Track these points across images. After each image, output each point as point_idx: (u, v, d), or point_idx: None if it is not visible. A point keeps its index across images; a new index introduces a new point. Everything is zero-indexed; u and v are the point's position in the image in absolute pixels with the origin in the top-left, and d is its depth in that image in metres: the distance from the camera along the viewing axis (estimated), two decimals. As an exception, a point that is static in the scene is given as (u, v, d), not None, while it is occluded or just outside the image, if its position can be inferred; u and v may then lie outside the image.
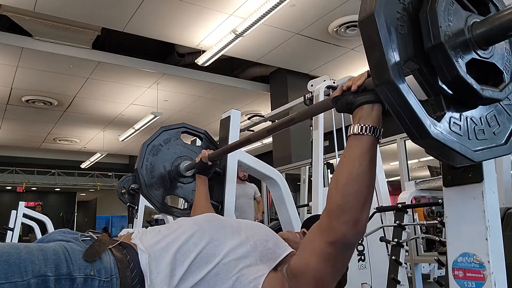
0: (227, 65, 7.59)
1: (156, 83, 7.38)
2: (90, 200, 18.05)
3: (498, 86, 0.75)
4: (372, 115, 0.86)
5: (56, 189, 14.69)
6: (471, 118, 0.75)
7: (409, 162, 3.43)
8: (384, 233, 2.60)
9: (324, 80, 2.48)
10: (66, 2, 4.89)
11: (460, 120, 0.73)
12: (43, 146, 11.86)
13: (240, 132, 2.10)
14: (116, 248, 0.97)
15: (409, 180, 3.28)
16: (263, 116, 3.65)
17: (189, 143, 3.12)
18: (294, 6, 5.06)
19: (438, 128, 0.68)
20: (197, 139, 2.52)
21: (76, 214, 16.63)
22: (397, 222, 2.45)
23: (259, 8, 4.73)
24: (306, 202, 4.40)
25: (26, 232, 9.34)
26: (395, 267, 2.36)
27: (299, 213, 2.80)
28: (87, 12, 5.15)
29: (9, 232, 5.37)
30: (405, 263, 2.41)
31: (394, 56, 0.67)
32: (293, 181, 5.80)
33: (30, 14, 5.41)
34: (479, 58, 0.73)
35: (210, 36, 5.72)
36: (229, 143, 2.00)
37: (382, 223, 2.58)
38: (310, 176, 4.39)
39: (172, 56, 7.05)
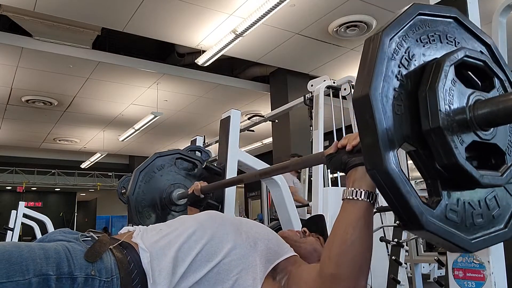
0: (227, 65, 7.59)
1: (156, 83, 7.38)
2: (90, 200, 18.05)
3: (500, 169, 0.71)
4: (366, 178, 0.81)
5: (56, 189, 14.68)
6: (469, 203, 0.71)
7: (409, 162, 3.43)
8: (384, 233, 2.60)
9: (324, 80, 2.48)
10: (66, 2, 4.89)
11: (458, 206, 0.69)
12: (43, 146, 11.86)
13: (240, 132, 2.10)
14: (117, 249, 0.97)
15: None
16: (263, 116, 3.65)
17: (190, 143, 3.11)
18: (294, 6, 5.06)
19: (433, 219, 0.64)
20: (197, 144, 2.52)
21: (76, 214, 16.63)
22: (397, 222, 2.45)
23: (259, 8, 4.73)
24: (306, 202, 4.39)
25: (28, 232, 9.34)
26: (395, 267, 2.36)
27: (299, 213, 2.80)
28: (87, 12, 5.15)
29: (9, 232, 5.37)
30: (405, 263, 2.41)
31: (389, 142, 0.63)
32: (293, 181, 5.78)
33: (30, 14, 5.41)
34: (479, 140, 0.69)
35: (210, 36, 5.72)
36: (229, 143, 2.00)
37: (382, 223, 2.58)
38: (310, 176, 4.39)
39: (172, 56, 7.05)
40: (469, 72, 0.73)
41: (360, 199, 0.83)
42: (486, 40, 0.79)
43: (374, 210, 1.00)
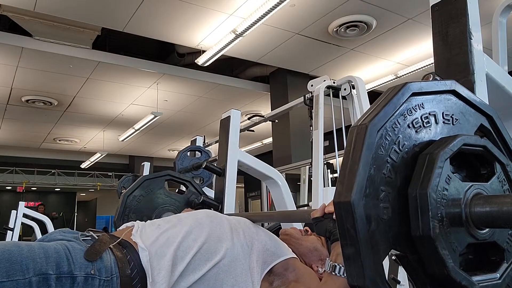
0: (227, 65, 7.59)
1: (156, 83, 7.38)
2: (90, 200, 18.04)
3: (498, 268, 0.64)
4: None
5: (56, 189, 14.68)
6: None
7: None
8: (384, 233, 2.59)
9: (324, 80, 2.48)
10: (66, 2, 4.89)
11: None
12: (43, 146, 11.86)
13: (240, 132, 2.10)
14: (117, 248, 0.98)
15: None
16: (263, 116, 3.64)
17: (190, 143, 3.11)
18: (294, 6, 5.06)
19: None
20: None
21: (76, 214, 16.62)
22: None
23: (259, 8, 4.73)
24: (306, 202, 4.39)
25: (28, 232, 9.34)
26: (395, 267, 2.36)
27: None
28: (87, 12, 5.15)
29: (9, 232, 5.37)
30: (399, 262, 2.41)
31: (373, 253, 0.56)
32: (293, 181, 5.80)
33: (30, 14, 5.41)
34: (476, 241, 0.62)
35: (210, 36, 5.72)
36: (229, 143, 2.00)
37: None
38: (310, 176, 4.39)
39: (172, 56, 7.05)
40: (467, 159, 0.67)
41: (342, 276, 0.82)
42: (488, 112, 0.72)
43: None
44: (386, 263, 2.41)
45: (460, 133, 0.67)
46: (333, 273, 0.83)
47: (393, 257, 2.29)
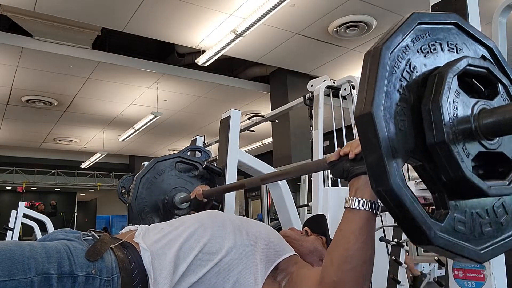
0: (227, 65, 7.59)
1: (156, 83, 7.38)
2: (90, 200, 18.04)
3: (507, 177, 0.70)
4: (369, 187, 0.81)
5: (56, 189, 14.68)
6: (477, 212, 0.70)
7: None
8: (384, 233, 2.60)
9: (324, 80, 2.48)
10: (66, 2, 4.89)
11: (465, 217, 0.68)
12: (43, 146, 11.86)
13: (240, 132, 2.10)
14: (118, 248, 0.98)
15: (409, 180, 3.28)
16: (263, 116, 3.65)
17: (190, 143, 3.12)
18: (294, 6, 5.06)
19: (441, 233, 0.64)
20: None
21: (76, 214, 16.62)
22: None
23: (259, 8, 4.73)
24: (306, 202, 4.39)
25: (28, 232, 9.34)
26: (395, 267, 2.36)
27: (299, 213, 2.80)
28: (87, 12, 5.15)
29: (9, 232, 5.37)
30: (405, 263, 2.41)
31: (394, 159, 0.62)
32: (293, 181, 5.80)
33: (30, 14, 5.41)
34: (485, 150, 0.68)
35: (210, 36, 5.72)
36: (229, 143, 2.00)
37: (382, 223, 2.58)
38: (310, 176, 4.38)
39: (172, 56, 7.05)
40: (473, 80, 0.72)
41: (362, 208, 0.83)
42: (488, 43, 0.78)
43: None
44: (386, 263, 2.41)
45: None
46: (353, 206, 0.83)
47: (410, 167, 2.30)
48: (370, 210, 0.83)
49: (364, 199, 0.83)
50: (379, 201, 0.83)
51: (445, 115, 0.64)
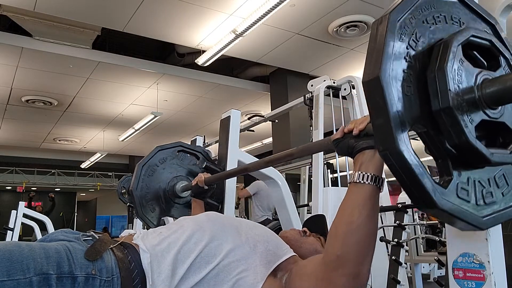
0: (227, 65, 7.59)
1: (156, 83, 7.38)
2: (90, 200, 18.05)
3: (508, 147, 0.72)
4: (373, 161, 0.83)
5: (56, 189, 14.69)
6: (479, 181, 0.72)
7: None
8: (384, 233, 2.60)
9: (324, 80, 2.48)
10: (66, 2, 4.89)
11: (468, 185, 0.70)
12: (43, 146, 11.86)
13: (240, 132, 2.10)
14: (118, 248, 0.97)
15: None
16: (263, 116, 3.65)
17: (189, 143, 3.12)
18: (294, 6, 5.06)
19: (445, 197, 0.66)
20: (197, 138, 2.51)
21: (76, 214, 16.62)
22: (397, 222, 2.45)
23: (259, 8, 4.73)
24: (306, 202, 4.39)
25: (28, 232, 9.34)
26: (395, 267, 2.36)
27: (299, 213, 2.80)
28: (87, 12, 5.15)
29: (9, 232, 5.37)
30: (405, 263, 2.41)
31: (400, 122, 0.64)
32: (293, 181, 5.80)
33: (30, 14, 5.41)
34: (488, 119, 0.70)
35: (210, 36, 5.72)
36: (229, 143, 2.00)
37: (382, 223, 2.59)
38: (310, 176, 4.38)
39: (172, 56, 7.06)
40: (476, 52, 0.74)
41: (366, 182, 0.83)
42: (490, 20, 0.80)
43: None
44: (386, 263, 2.41)
45: None
46: (358, 180, 0.84)
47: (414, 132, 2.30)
48: (374, 184, 0.83)
49: (368, 173, 0.83)
50: (383, 175, 0.84)
51: (450, 82, 0.66)
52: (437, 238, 2.55)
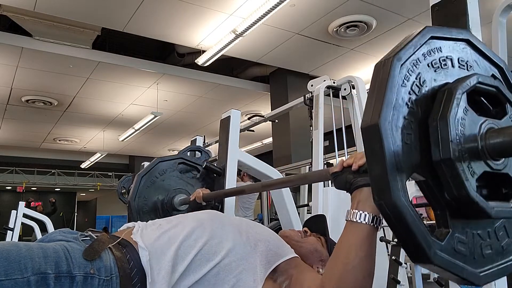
0: (227, 65, 7.59)
1: (156, 83, 7.38)
2: (90, 200, 18.04)
3: (510, 199, 0.69)
4: (371, 200, 0.80)
5: (56, 189, 14.69)
6: (478, 233, 0.69)
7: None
8: (384, 233, 2.60)
9: (324, 80, 2.48)
10: (66, 2, 4.89)
11: (466, 237, 0.67)
12: (43, 146, 11.86)
13: (240, 132, 2.10)
14: (116, 247, 0.97)
15: (409, 180, 3.28)
16: (263, 116, 3.65)
17: (190, 143, 3.11)
18: (294, 6, 5.06)
19: (441, 253, 0.63)
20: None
21: (76, 214, 16.62)
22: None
23: (259, 8, 4.73)
24: (306, 202, 4.39)
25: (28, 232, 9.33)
26: (395, 267, 2.36)
27: (299, 213, 2.80)
28: (87, 12, 5.15)
29: (9, 232, 5.36)
30: (405, 263, 2.41)
31: (398, 173, 0.61)
32: (293, 181, 5.79)
33: (30, 14, 5.41)
34: (491, 170, 0.67)
35: (210, 36, 5.72)
36: (229, 143, 2.00)
37: (382, 223, 2.58)
38: (310, 176, 4.37)
39: (172, 56, 7.06)
40: (482, 98, 0.71)
41: (363, 222, 0.82)
42: (499, 63, 0.77)
43: None
44: (386, 263, 2.41)
45: None
46: (355, 220, 0.83)
47: (412, 181, 2.29)
48: (372, 224, 0.82)
49: (366, 213, 0.82)
50: (380, 215, 0.82)
51: (452, 132, 0.64)
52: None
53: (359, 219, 0.82)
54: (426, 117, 0.66)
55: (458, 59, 0.72)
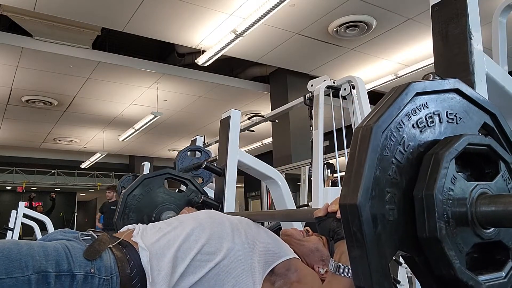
0: (227, 65, 7.59)
1: (156, 83, 7.38)
2: (90, 200, 18.04)
3: (503, 267, 0.64)
4: None
5: (56, 189, 14.69)
6: None
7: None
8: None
9: (324, 80, 2.48)
10: (66, 2, 4.89)
11: None
12: (43, 146, 11.86)
13: (240, 132, 2.10)
14: (116, 247, 0.98)
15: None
16: (263, 116, 3.64)
17: (190, 143, 3.10)
18: (294, 6, 5.06)
19: None
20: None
21: (76, 214, 16.62)
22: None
23: (259, 8, 4.73)
24: (306, 202, 4.39)
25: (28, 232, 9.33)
26: (395, 267, 2.36)
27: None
28: (87, 12, 5.15)
29: (9, 232, 5.37)
30: (405, 263, 2.41)
31: (379, 255, 0.55)
32: (293, 181, 5.80)
33: (30, 14, 5.41)
34: (481, 241, 0.62)
35: (210, 36, 5.72)
36: (229, 143, 2.00)
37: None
38: (310, 176, 4.38)
39: (172, 56, 7.06)
40: (472, 157, 0.67)
41: (346, 276, 0.82)
42: (491, 109, 0.71)
43: None
44: (386, 263, 2.41)
45: (464, 132, 0.67)
46: (337, 273, 0.83)
47: (393, 257, 2.29)
48: None
49: (348, 267, 0.82)
50: None
51: (438, 206, 0.58)
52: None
53: (342, 273, 0.82)
54: (411, 186, 0.60)
55: (447, 112, 0.66)
